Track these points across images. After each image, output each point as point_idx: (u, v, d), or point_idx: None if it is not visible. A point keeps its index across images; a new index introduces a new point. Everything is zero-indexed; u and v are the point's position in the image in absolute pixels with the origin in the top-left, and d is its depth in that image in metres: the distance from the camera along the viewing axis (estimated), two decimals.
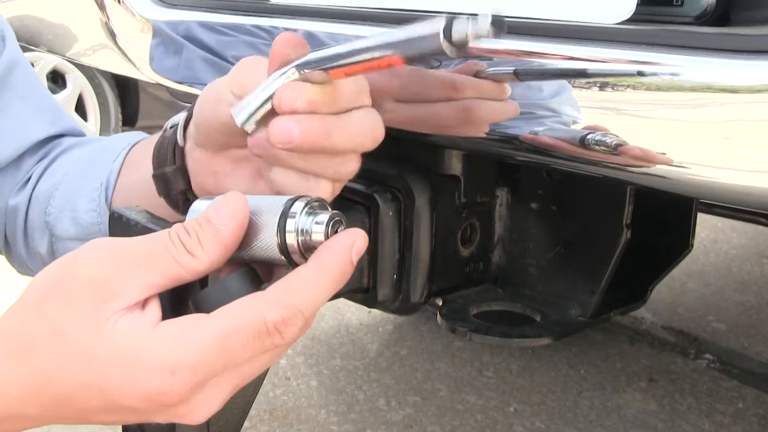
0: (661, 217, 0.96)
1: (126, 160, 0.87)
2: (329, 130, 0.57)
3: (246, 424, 0.79)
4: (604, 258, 0.87)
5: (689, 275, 2.61)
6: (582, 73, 0.60)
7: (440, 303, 0.90)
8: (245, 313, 0.51)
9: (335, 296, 0.82)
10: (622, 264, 0.87)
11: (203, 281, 0.56)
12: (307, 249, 0.55)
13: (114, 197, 0.87)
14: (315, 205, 0.56)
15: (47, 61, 3.46)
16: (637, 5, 0.60)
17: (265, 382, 0.79)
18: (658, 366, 2.03)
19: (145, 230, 0.62)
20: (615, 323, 2.23)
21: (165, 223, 0.63)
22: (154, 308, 0.53)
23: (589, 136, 0.61)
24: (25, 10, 1.38)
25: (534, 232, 0.93)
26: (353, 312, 2.26)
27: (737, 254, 2.87)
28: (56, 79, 3.59)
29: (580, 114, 0.61)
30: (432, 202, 0.83)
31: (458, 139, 0.72)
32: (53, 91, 3.55)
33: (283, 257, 0.55)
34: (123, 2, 1.10)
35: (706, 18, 0.61)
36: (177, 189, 0.73)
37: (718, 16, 0.61)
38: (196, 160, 0.70)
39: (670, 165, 0.57)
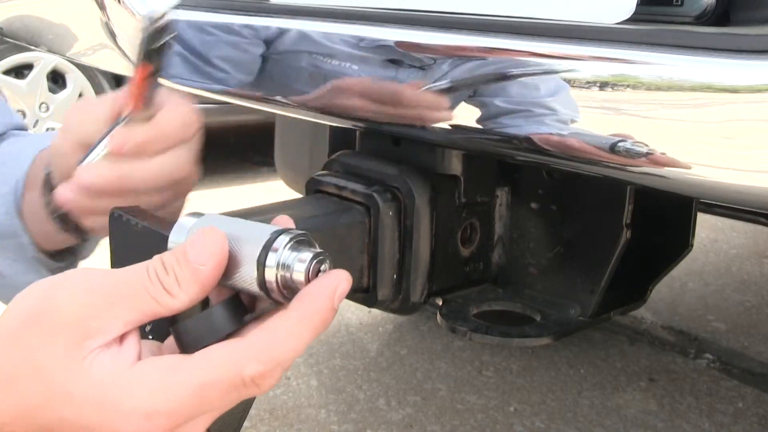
0: (661, 217, 0.96)
1: (30, 170, 0.87)
2: (125, 175, 0.62)
3: (246, 424, 0.79)
4: (604, 258, 0.87)
5: (689, 275, 2.61)
6: (582, 73, 0.60)
7: (440, 303, 0.90)
8: (223, 365, 0.51)
9: None
10: (622, 264, 0.87)
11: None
12: (287, 287, 0.53)
13: (28, 223, 0.87)
14: (301, 241, 0.54)
15: (47, 61, 3.46)
16: (637, 5, 0.60)
17: None
18: (658, 366, 2.03)
19: (145, 230, 0.62)
20: (615, 323, 2.23)
21: (164, 223, 0.63)
22: (133, 343, 0.53)
23: (587, 135, 0.61)
24: (25, 10, 1.38)
25: (534, 232, 0.93)
26: (353, 312, 2.27)
27: (737, 254, 2.87)
28: (56, 79, 3.59)
29: (580, 114, 0.61)
30: (432, 202, 0.83)
31: (458, 139, 0.72)
32: (53, 91, 3.55)
33: (262, 292, 0.54)
34: (123, 2, 1.10)
35: (706, 18, 0.61)
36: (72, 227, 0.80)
37: (718, 16, 0.61)
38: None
39: (670, 165, 0.57)
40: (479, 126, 0.68)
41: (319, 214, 0.80)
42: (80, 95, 3.61)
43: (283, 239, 0.53)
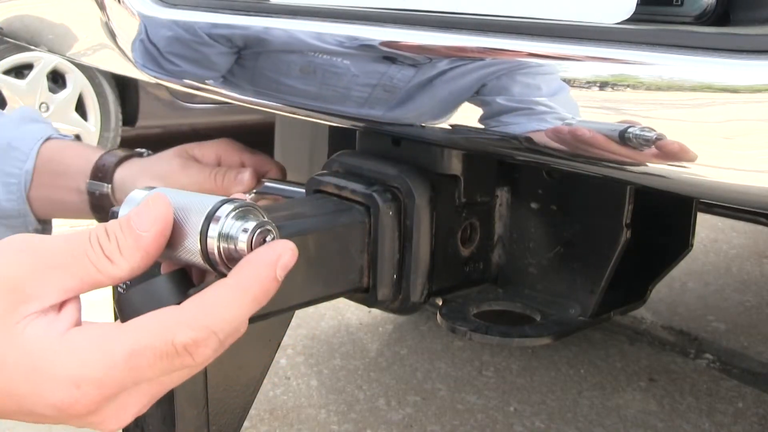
0: (661, 217, 0.96)
1: (38, 164, 1.04)
2: None
3: (246, 424, 0.79)
4: (604, 258, 0.87)
5: (689, 275, 2.61)
6: (582, 73, 0.60)
7: (440, 303, 0.90)
8: (153, 331, 0.49)
9: (334, 296, 0.82)
10: (622, 264, 0.87)
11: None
12: (230, 258, 0.51)
13: (34, 206, 1.05)
14: (246, 210, 0.52)
15: (47, 61, 3.46)
16: (637, 5, 0.60)
17: (265, 381, 0.79)
18: (658, 366, 2.03)
19: None
20: (615, 323, 2.23)
21: None
22: (72, 311, 0.52)
23: (588, 136, 0.61)
24: (25, 10, 1.38)
25: (534, 232, 0.93)
26: (353, 312, 2.26)
27: (737, 254, 2.87)
28: (56, 79, 3.59)
29: (580, 114, 0.61)
30: (432, 202, 0.83)
31: (458, 139, 0.72)
32: (53, 91, 3.55)
33: (206, 265, 0.52)
34: (123, 2, 1.10)
35: (706, 18, 0.61)
36: None
37: (718, 16, 0.61)
38: None
39: (670, 165, 0.57)
40: (479, 126, 0.68)
41: (319, 214, 0.80)
42: (80, 95, 3.61)
43: (226, 208, 0.51)
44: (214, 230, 0.51)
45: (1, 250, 0.52)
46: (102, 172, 1.04)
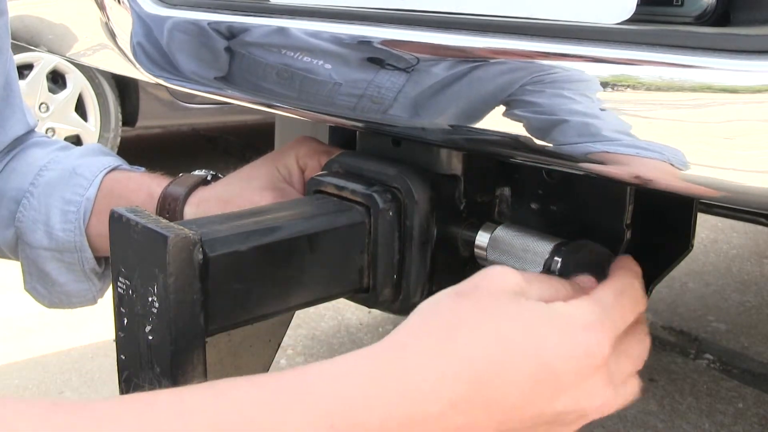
0: (661, 217, 0.96)
1: (99, 196, 0.96)
2: None
3: None
4: None
5: (689, 275, 2.61)
6: (581, 73, 0.60)
7: None
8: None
9: (334, 296, 0.82)
10: None
11: None
12: None
13: (92, 241, 0.96)
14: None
15: (47, 61, 3.47)
16: (637, 5, 0.60)
17: None
18: (658, 366, 2.03)
19: (145, 230, 0.62)
20: None
21: (164, 223, 0.63)
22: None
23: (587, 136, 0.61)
24: (25, 10, 1.38)
25: None
26: (353, 312, 2.26)
27: (737, 254, 2.87)
28: (56, 79, 3.59)
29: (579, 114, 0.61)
30: (432, 202, 0.83)
31: (458, 139, 0.72)
32: (53, 92, 3.56)
33: None
34: (123, 2, 1.10)
35: (706, 18, 0.61)
36: None
37: (718, 16, 0.61)
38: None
39: (669, 165, 0.57)
40: (479, 126, 0.68)
41: (319, 214, 0.80)
42: (80, 95, 3.61)
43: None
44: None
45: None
46: (170, 212, 0.94)
